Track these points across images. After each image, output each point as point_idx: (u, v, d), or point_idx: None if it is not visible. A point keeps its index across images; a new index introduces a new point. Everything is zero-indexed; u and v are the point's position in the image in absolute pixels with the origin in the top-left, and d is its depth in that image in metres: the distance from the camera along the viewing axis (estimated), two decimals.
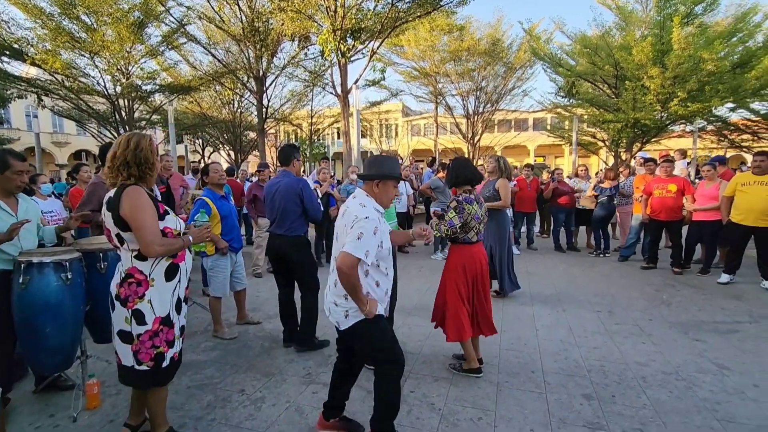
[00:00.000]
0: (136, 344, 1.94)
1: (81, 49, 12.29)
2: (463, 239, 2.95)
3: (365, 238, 1.90)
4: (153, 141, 2.06)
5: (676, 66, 11.34)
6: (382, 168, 2.12)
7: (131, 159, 1.94)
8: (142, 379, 1.99)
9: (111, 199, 1.91)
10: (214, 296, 3.73)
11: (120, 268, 1.99)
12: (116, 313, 1.96)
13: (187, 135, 23.42)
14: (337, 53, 11.66)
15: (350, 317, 2.04)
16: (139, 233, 1.88)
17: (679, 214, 5.76)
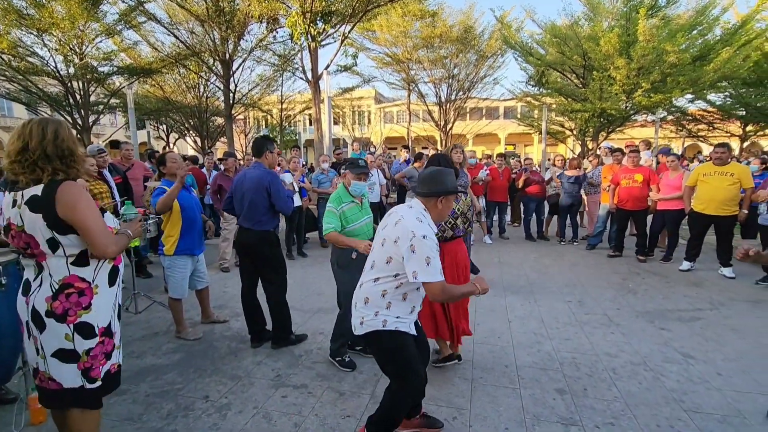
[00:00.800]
0: (86, 361, 1.69)
1: (28, 26, 11.33)
2: None
3: (433, 261, 1.81)
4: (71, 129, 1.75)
5: (641, 57, 11.62)
6: (445, 184, 2.00)
7: (52, 151, 1.63)
8: (96, 396, 1.76)
9: (37, 198, 1.60)
10: (172, 298, 3.50)
11: (46, 279, 1.66)
12: (49, 331, 1.65)
13: (150, 120, 22.30)
14: (307, 37, 11.29)
15: (364, 325, 1.96)
16: (89, 235, 1.64)
17: (645, 204, 5.92)
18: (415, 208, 1.98)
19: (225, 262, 5.85)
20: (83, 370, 1.70)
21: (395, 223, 1.92)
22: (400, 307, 1.96)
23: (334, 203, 2.97)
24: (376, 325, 1.93)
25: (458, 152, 4.99)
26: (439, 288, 1.81)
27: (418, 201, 2.03)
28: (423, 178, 2.06)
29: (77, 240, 1.66)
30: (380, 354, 2.03)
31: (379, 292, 1.94)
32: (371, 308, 1.95)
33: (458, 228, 2.90)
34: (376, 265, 1.96)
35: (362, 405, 2.55)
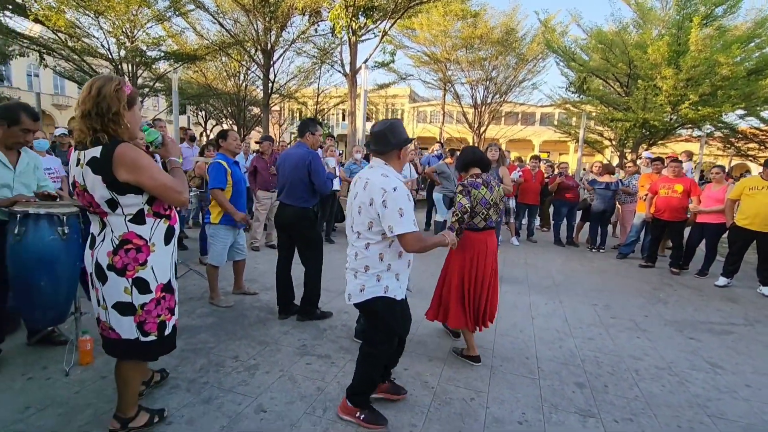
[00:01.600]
0: (141, 315, 1.78)
1: (86, 7, 12.01)
2: (468, 225, 2.85)
3: (406, 212, 1.89)
4: (124, 85, 1.70)
5: (691, 68, 11.18)
6: (399, 135, 2.05)
7: (93, 109, 1.62)
8: (149, 350, 1.86)
9: (97, 159, 1.62)
10: (211, 264, 3.70)
11: (108, 235, 1.74)
12: (111, 284, 1.74)
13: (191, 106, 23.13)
14: (348, 31, 11.45)
15: (366, 292, 2.03)
16: (162, 191, 1.72)
17: (683, 215, 5.73)
18: (377, 167, 2.03)
19: (256, 242, 6.06)
20: (138, 323, 1.79)
21: (364, 187, 1.97)
22: (398, 264, 2.04)
23: None
24: (378, 292, 2.02)
25: (494, 150, 5.00)
26: (414, 238, 1.89)
27: (377, 160, 2.07)
28: (376, 135, 2.08)
29: (135, 199, 1.72)
30: (374, 320, 2.12)
31: (375, 256, 2.00)
32: (372, 274, 2.01)
33: (490, 219, 2.91)
34: (361, 234, 2.01)
35: None
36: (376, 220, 1.93)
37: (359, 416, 2.14)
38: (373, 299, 2.03)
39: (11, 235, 2.31)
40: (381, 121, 2.19)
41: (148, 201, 1.76)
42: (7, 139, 2.43)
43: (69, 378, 2.43)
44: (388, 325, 2.10)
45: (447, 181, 6.76)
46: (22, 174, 2.56)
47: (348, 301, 2.10)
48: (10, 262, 2.34)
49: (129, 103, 1.71)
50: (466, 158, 2.96)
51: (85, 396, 2.27)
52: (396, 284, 2.06)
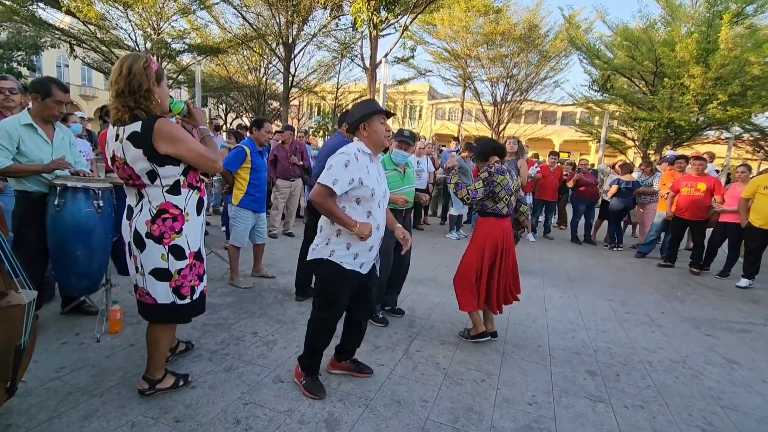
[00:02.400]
0: (177, 279, 1.90)
1: (115, 0, 12.37)
2: (492, 210, 2.89)
3: (334, 169, 1.97)
4: (151, 62, 1.78)
5: (720, 67, 10.89)
6: (362, 110, 2.11)
7: (125, 87, 1.71)
8: (184, 313, 1.98)
9: (137, 134, 1.73)
10: (232, 245, 3.83)
11: (146, 206, 1.85)
12: (148, 252, 1.85)
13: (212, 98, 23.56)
14: (369, 24, 11.48)
15: (314, 251, 2.12)
16: (198, 160, 1.84)
17: (705, 214, 5.62)
18: (351, 144, 2.13)
19: (273, 229, 6.19)
20: (174, 288, 1.91)
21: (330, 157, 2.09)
22: (349, 235, 2.03)
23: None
24: (324, 254, 2.08)
25: (512, 143, 5.00)
26: (322, 191, 1.96)
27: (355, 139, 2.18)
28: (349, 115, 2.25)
29: (173, 170, 1.82)
30: (318, 281, 2.19)
31: (328, 220, 2.08)
32: (323, 236, 2.10)
33: (512, 206, 2.98)
34: None
35: (395, 358, 2.71)
36: None
37: (301, 381, 2.25)
38: (317, 260, 2.10)
39: (51, 206, 2.46)
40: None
41: (184, 172, 1.87)
42: (43, 112, 2.57)
43: (100, 344, 2.58)
44: (325, 290, 2.14)
45: (464, 176, 6.76)
46: (58, 148, 2.70)
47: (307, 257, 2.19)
48: (50, 231, 2.50)
49: (157, 78, 1.80)
50: (485, 147, 3.00)
51: (115, 360, 2.41)
52: (345, 252, 2.06)
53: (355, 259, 2.10)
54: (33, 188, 2.58)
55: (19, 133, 2.50)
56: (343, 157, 2.00)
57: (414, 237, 3.35)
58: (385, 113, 2.12)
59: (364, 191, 2.02)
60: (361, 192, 2.02)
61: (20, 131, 2.51)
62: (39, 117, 2.59)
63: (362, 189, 2.01)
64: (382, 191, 2.14)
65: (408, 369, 2.58)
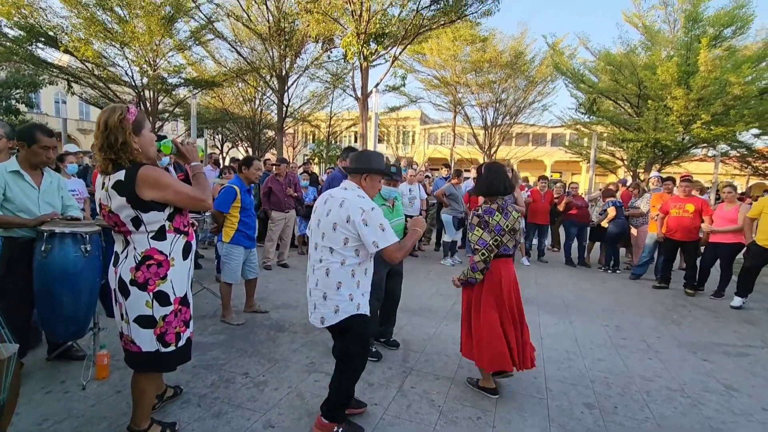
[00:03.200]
0: (162, 326, 1.87)
1: (112, 39, 12.67)
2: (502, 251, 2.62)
3: (387, 227, 2.03)
4: (128, 113, 1.79)
5: (701, 88, 11.21)
6: (370, 163, 2.20)
7: (103, 142, 1.75)
8: (169, 361, 1.95)
9: (122, 182, 1.75)
10: (225, 282, 3.80)
11: (131, 252, 1.85)
12: (132, 299, 1.83)
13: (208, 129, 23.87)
14: (360, 57, 11.81)
15: (340, 312, 2.07)
16: (187, 202, 1.87)
17: (696, 235, 5.66)
18: (350, 189, 2.16)
19: (268, 261, 6.16)
20: (159, 335, 1.88)
21: (340, 205, 2.06)
22: (365, 281, 2.14)
23: None
24: (352, 310, 2.09)
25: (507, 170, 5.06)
26: (396, 248, 2.04)
27: (350, 181, 2.21)
28: (353, 156, 2.29)
29: (158, 216, 1.83)
30: (353, 337, 2.14)
31: (348, 273, 2.08)
32: (345, 292, 2.07)
33: (505, 246, 2.64)
34: (335, 250, 2.06)
35: (389, 396, 2.65)
36: (353, 237, 2.03)
37: (337, 430, 2.16)
38: (348, 318, 2.09)
39: (38, 252, 2.45)
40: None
41: (169, 217, 1.88)
42: (31, 158, 2.59)
43: (86, 392, 2.51)
44: (362, 341, 2.17)
45: (455, 203, 6.83)
46: (45, 193, 2.70)
47: (321, 324, 2.10)
48: (36, 277, 2.47)
49: (136, 128, 1.82)
50: (495, 186, 2.66)
51: (101, 409, 2.35)
52: (364, 301, 2.15)
53: (367, 305, 2.18)
54: (19, 234, 2.58)
55: (5, 180, 2.51)
56: (379, 212, 2.07)
57: (408, 264, 3.37)
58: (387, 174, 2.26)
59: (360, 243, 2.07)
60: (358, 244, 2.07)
61: (6, 178, 2.52)
62: (27, 163, 2.61)
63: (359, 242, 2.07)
64: None
65: (402, 408, 2.52)
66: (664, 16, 14.12)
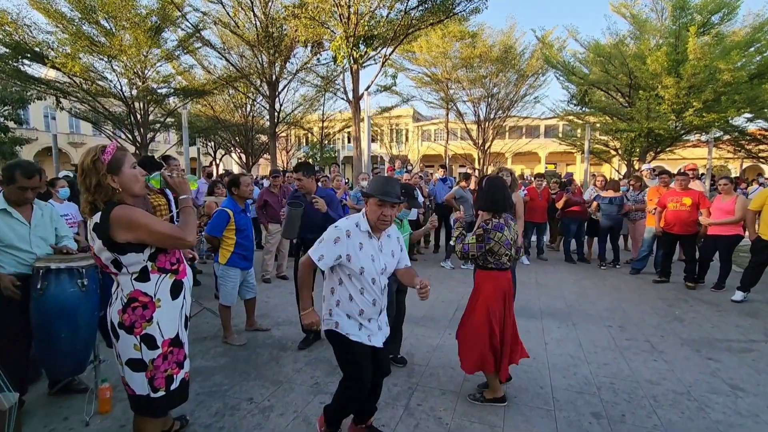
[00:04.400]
0: (151, 371, 1.83)
1: (99, 53, 12.57)
2: (494, 264, 2.69)
3: (323, 244, 2.04)
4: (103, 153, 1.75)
5: (692, 76, 11.21)
6: (372, 187, 2.10)
7: (81, 185, 1.76)
8: (159, 406, 1.90)
9: (98, 225, 1.72)
10: (222, 305, 3.76)
11: (118, 294, 1.83)
12: (122, 341, 1.81)
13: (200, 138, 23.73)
14: (350, 59, 11.76)
15: (324, 322, 2.16)
16: (161, 239, 1.78)
17: (694, 228, 5.67)
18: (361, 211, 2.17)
19: (267, 274, 6.13)
20: (149, 379, 1.84)
21: None
22: (347, 306, 2.09)
23: None
24: (330, 325, 2.12)
25: (505, 175, 4.98)
26: (307, 262, 2.07)
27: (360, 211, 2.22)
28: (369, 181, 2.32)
29: (136, 257, 1.78)
30: (335, 352, 2.19)
31: (328, 288, 2.15)
32: (326, 307, 2.15)
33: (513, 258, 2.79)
34: None
35: (396, 416, 2.64)
36: None
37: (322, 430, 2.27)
38: (327, 331, 2.15)
39: (34, 289, 2.41)
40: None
41: (151, 257, 1.82)
42: (11, 197, 2.55)
43: (89, 428, 2.49)
44: (342, 360, 2.16)
45: (465, 204, 6.73)
46: (37, 228, 2.65)
47: None
48: (33, 314, 2.44)
49: (113, 167, 1.76)
50: (499, 204, 2.69)
51: None
52: (348, 323, 2.09)
53: (360, 330, 2.11)
54: (13, 271, 2.53)
55: None
56: (335, 232, 2.04)
57: None
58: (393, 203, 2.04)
59: (351, 268, 2.03)
60: (349, 267, 2.04)
61: None
62: (11, 200, 2.57)
63: (350, 265, 2.03)
64: (378, 269, 2.10)
65: (410, 428, 2.51)
66: (652, 4, 14.16)
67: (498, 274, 2.71)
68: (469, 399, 2.84)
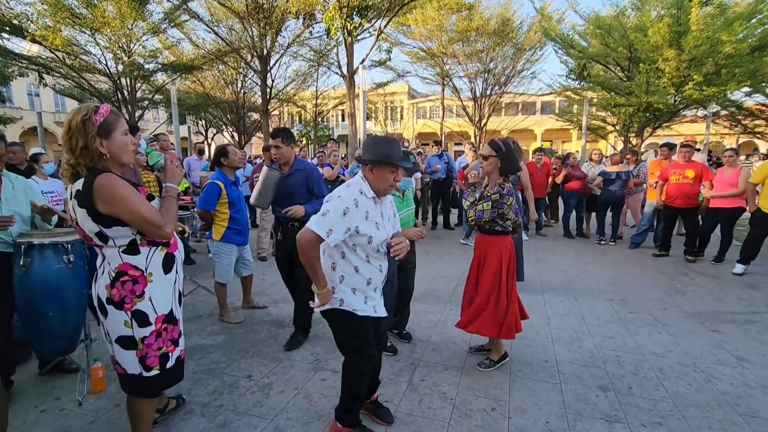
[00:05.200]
0: (142, 349, 1.72)
1: (81, 25, 12.02)
2: (501, 227, 2.74)
3: (330, 216, 1.79)
4: (95, 114, 1.60)
5: (693, 48, 10.99)
6: (375, 151, 1.91)
7: (66, 145, 1.59)
8: (152, 386, 1.80)
9: (80, 192, 1.57)
10: (218, 282, 3.65)
11: (106, 268, 1.69)
12: (111, 318, 1.69)
13: (190, 115, 23.19)
14: (344, 31, 11.35)
15: None
16: (140, 224, 1.63)
17: (696, 201, 5.60)
18: (352, 185, 1.94)
19: (263, 252, 6.02)
20: (140, 357, 1.73)
21: None
22: (354, 279, 1.93)
23: None
24: (334, 304, 1.93)
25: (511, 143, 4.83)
26: (309, 237, 1.78)
27: (357, 177, 1.99)
28: (365, 144, 2.09)
29: (123, 231, 1.65)
30: (336, 332, 2.04)
31: (328, 264, 1.94)
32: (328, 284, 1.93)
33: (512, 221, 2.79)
34: None
35: (399, 392, 2.58)
36: None
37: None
38: (329, 311, 1.96)
39: (17, 266, 2.28)
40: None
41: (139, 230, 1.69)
42: None
43: (82, 407, 2.40)
44: (347, 339, 2.02)
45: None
46: (8, 201, 2.47)
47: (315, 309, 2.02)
48: (18, 292, 2.32)
49: (104, 131, 1.61)
50: (512, 164, 2.68)
51: (99, 426, 2.24)
52: (354, 298, 1.94)
53: (366, 304, 1.98)
54: None
55: None
56: (341, 203, 1.81)
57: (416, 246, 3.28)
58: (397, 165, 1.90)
59: (360, 239, 1.88)
60: (357, 240, 1.88)
61: None
62: None
63: (358, 237, 1.87)
64: (384, 235, 1.96)
65: (414, 404, 2.45)
66: None
67: (503, 238, 2.79)
68: (480, 368, 2.83)
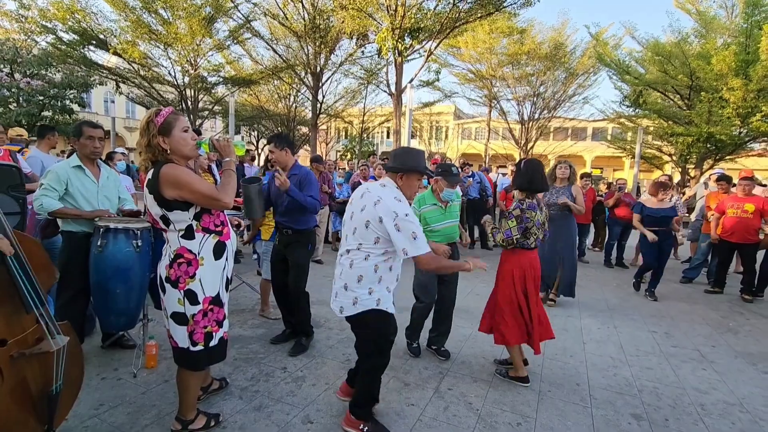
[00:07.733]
0: (191, 325, 1.92)
1: (157, 40, 13.25)
2: (521, 244, 2.83)
3: (419, 235, 1.98)
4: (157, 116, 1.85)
5: (762, 78, 10.41)
6: (406, 161, 2.14)
7: (144, 142, 1.88)
8: (198, 360, 1.98)
9: (150, 180, 1.84)
10: (264, 279, 3.88)
11: (167, 250, 1.93)
12: (168, 295, 1.91)
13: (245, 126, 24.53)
14: (394, 52, 11.75)
15: (358, 305, 2.08)
16: (202, 200, 1.85)
17: (755, 237, 5.26)
18: (389, 187, 2.10)
19: (316, 255, 6.24)
20: (189, 333, 1.93)
21: (375, 204, 2.01)
22: (388, 278, 2.11)
23: (415, 205, 3.09)
24: (371, 305, 2.07)
25: (564, 168, 4.77)
26: (428, 258, 2.01)
27: (389, 179, 2.15)
28: (394, 153, 2.26)
29: (182, 215, 1.86)
30: (369, 332, 2.16)
31: (371, 267, 2.06)
32: (365, 286, 2.07)
33: (539, 239, 2.93)
34: (363, 246, 2.05)
35: (426, 397, 2.63)
36: (385, 238, 2.01)
37: (363, 428, 2.18)
38: (365, 312, 2.08)
39: (94, 246, 2.59)
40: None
41: (196, 217, 1.90)
42: (83, 150, 2.77)
43: (136, 379, 2.64)
44: (380, 338, 2.15)
45: None
46: (104, 188, 2.88)
47: (340, 314, 2.14)
48: (92, 270, 2.62)
49: (164, 129, 1.85)
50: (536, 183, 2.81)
51: (150, 397, 2.46)
52: (387, 296, 2.13)
53: (393, 303, 2.17)
54: (77, 228, 2.73)
55: (67, 175, 2.70)
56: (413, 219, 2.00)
57: None
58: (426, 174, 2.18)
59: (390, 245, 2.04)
60: (388, 245, 2.04)
61: (69, 173, 2.71)
62: (83, 156, 2.78)
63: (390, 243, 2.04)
64: None
65: (439, 410, 2.50)
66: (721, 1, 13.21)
67: (521, 252, 2.84)
68: (496, 374, 2.94)
